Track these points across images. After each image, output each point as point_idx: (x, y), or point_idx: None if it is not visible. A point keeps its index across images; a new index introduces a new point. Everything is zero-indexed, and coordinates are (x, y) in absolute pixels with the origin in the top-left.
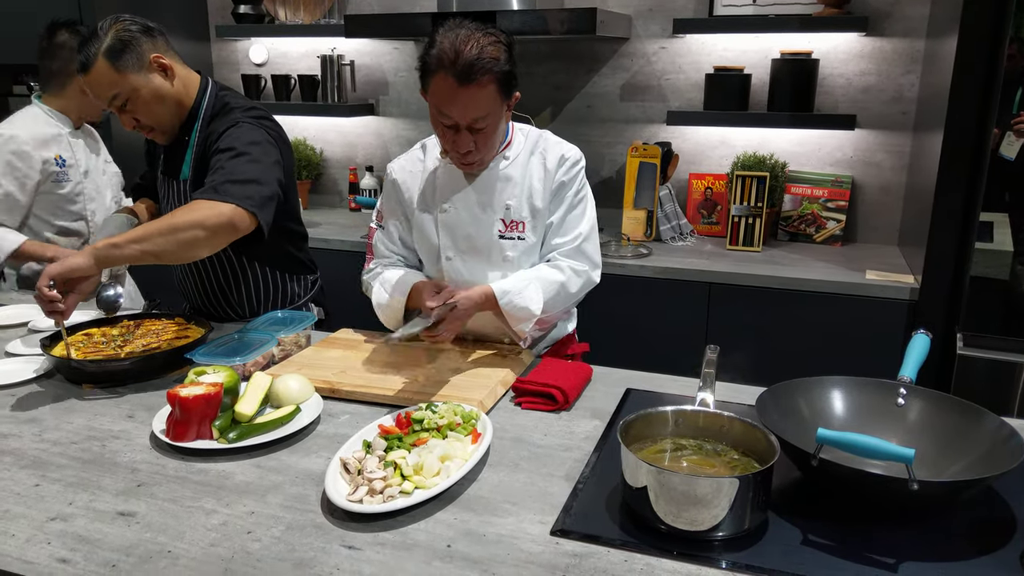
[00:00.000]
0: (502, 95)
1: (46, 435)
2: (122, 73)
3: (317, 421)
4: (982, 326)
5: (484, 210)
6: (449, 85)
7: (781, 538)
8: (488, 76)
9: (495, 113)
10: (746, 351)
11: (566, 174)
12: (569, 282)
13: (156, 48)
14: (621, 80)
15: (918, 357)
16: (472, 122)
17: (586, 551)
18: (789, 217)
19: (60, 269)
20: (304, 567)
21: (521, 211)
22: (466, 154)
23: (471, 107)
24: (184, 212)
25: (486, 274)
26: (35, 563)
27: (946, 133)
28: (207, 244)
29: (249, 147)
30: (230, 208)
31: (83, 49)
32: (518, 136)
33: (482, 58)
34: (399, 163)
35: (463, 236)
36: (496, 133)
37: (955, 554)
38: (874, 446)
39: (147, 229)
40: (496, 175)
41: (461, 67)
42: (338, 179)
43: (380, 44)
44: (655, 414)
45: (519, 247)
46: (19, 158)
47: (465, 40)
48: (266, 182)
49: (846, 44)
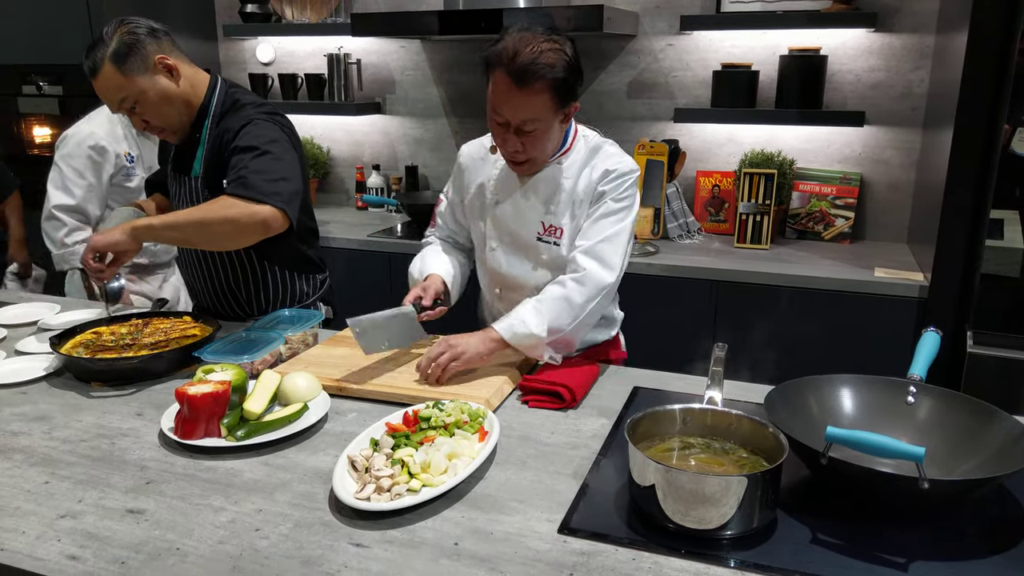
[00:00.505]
0: (556, 103)
1: (55, 433)
2: (128, 76)
3: (325, 419)
4: (992, 324)
5: (529, 211)
6: (506, 84)
7: (790, 537)
8: (542, 82)
9: (546, 119)
10: (754, 349)
11: (608, 184)
12: (571, 294)
13: (161, 49)
14: (628, 77)
15: (928, 355)
16: (521, 124)
17: (594, 549)
18: (797, 215)
19: (103, 242)
20: (312, 564)
21: (561, 218)
22: (513, 153)
23: (522, 109)
24: (220, 207)
25: (523, 270)
26: (45, 560)
27: (956, 129)
28: (236, 239)
29: (270, 145)
30: (265, 209)
31: (90, 54)
32: (579, 144)
33: (538, 62)
34: (468, 148)
35: (507, 231)
36: (545, 139)
37: (966, 553)
38: (884, 444)
39: (179, 217)
40: (547, 179)
41: (517, 68)
42: (345, 178)
43: (386, 43)
44: (663, 412)
45: (553, 252)
46: (97, 152)
47: (527, 43)
48: (292, 178)
49: (854, 40)
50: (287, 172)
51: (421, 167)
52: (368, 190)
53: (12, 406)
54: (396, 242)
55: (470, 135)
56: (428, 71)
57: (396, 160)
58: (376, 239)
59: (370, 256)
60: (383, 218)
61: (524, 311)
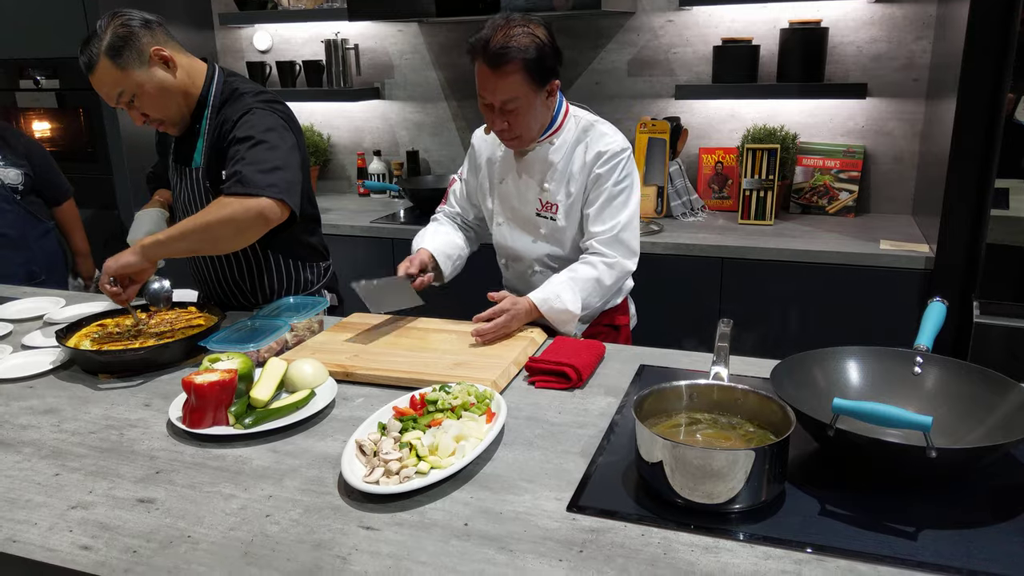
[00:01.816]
0: (532, 81)
1: (64, 425)
2: (124, 70)
3: (332, 405)
4: (999, 293)
5: (528, 188)
6: (483, 69)
7: (799, 509)
8: (514, 63)
9: (525, 97)
10: (760, 325)
11: (603, 166)
12: (602, 276)
13: (156, 41)
14: (628, 55)
15: (934, 325)
16: (503, 103)
17: (603, 526)
18: (801, 189)
19: (116, 267)
20: (323, 548)
21: (557, 195)
22: (500, 132)
23: (499, 90)
24: (216, 209)
25: (525, 243)
26: (58, 550)
27: (959, 100)
28: (240, 238)
29: (266, 134)
30: (261, 202)
31: (84, 49)
32: (570, 123)
33: (508, 46)
34: (480, 131)
35: (510, 207)
36: (529, 116)
37: (974, 521)
38: (891, 415)
39: (184, 227)
40: (541, 158)
41: (491, 53)
42: (346, 164)
43: (384, 27)
44: (669, 389)
45: (550, 227)
46: None
47: (500, 29)
48: (288, 167)
49: (855, 11)
50: (282, 161)
51: (422, 152)
52: (369, 176)
53: (20, 400)
54: (399, 227)
55: (470, 118)
56: (426, 54)
57: (397, 145)
58: (379, 225)
59: (373, 242)
60: (385, 204)
61: (560, 288)
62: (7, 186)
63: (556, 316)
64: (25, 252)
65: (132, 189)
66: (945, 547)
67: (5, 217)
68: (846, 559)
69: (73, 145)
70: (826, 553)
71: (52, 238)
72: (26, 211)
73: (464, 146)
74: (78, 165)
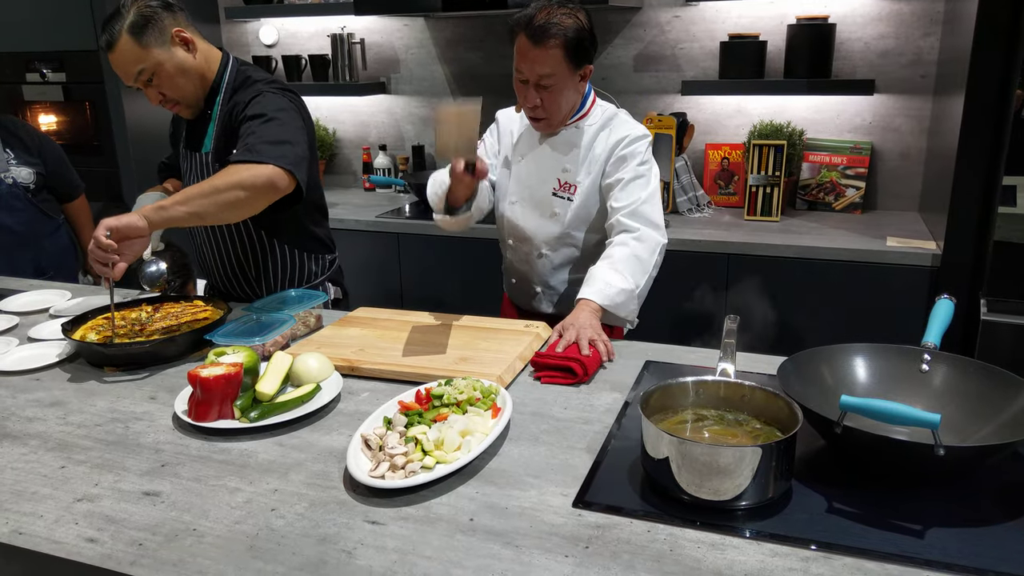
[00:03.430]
0: (570, 61)
1: (70, 418)
2: (146, 48)
3: (337, 399)
4: (1006, 291)
5: (547, 168)
6: (524, 43)
7: (806, 506)
8: (555, 39)
9: (561, 76)
10: (766, 321)
11: (627, 148)
12: (636, 251)
13: (177, 23)
14: (635, 50)
15: (942, 323)
16: (539, 79)
17: (609, 522)
18: (808, 185)
19: (116, 223)
20: (328, 542)
21: (577, 175)
22: (534, 108)
23: (538, 64)
24: (224, 175)
25: (535, 223)
26: (64, 543)
27: (967, 96)
28: (247, 205)
29: (278, 112)
30: (268, 168)
31: (107, 28)
32: (596, 111)
33: (552, 23)
34: (505, 111)
35: (525, 186)
36: (561, 96)
37: (982, 520)
38: (899, 412)
39: (190, 192)
40: (566, 140)
41: (534, 28)
42: (352, 159)
43: (390, 21)
44: (675, 385)
45: (566, 206)
46: None
47: (544, 9)
48: (297, 143)
49: (863, 7)
50: (292, 136)
51: (428, 146)
52: (375, 171)
53: (26, 392)
54: (404, 222)
55: None
56: (432, 49)
57: (402, 140)
58: (384, 219)
59: (379, 237)
60: (391, 198)
61: (603, 275)
62: (19, 185)
63: (615, 301)
64: (35, 249)
65: (138, 182)
66: (953, 545)
67: (16, 215)
68: (853, 557)
69: (79, 138)
70: (833, 551)
71: (63, 234)
72: (37, 209)
73: None
74: (84, 158)
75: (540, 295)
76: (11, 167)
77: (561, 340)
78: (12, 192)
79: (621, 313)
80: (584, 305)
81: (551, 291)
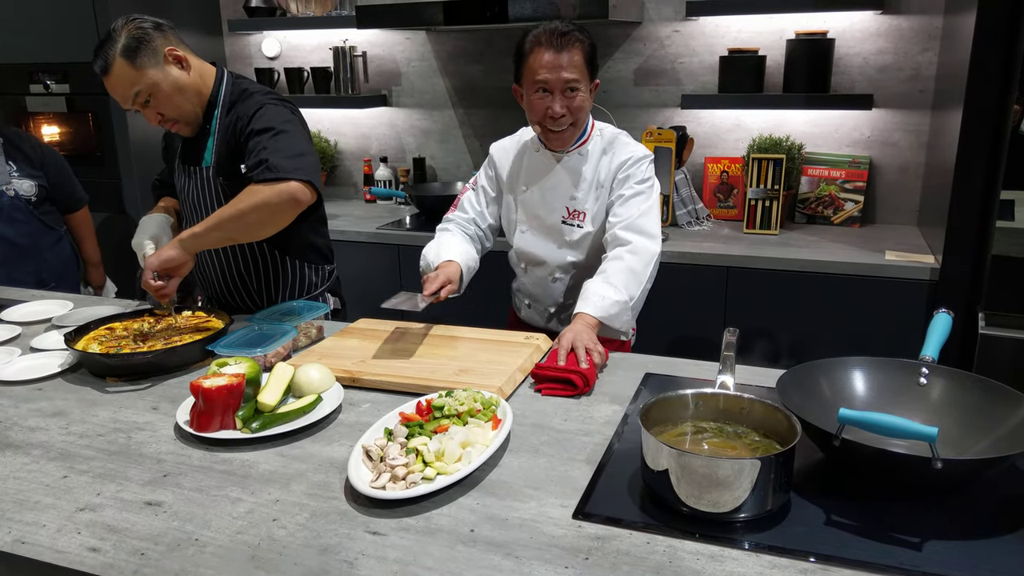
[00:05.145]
0: (588, 68)
1: (73, 428)
2: (141, 70)
3: (339, 410)
4: (1004, 305)
5: (554, 197)
6: (547, 54)
7: (804, 519)
8: (578, 44)
9: (584, 82)
10: (765, 334)
11: (629, 169)
12: (631, 263)
13: (169, 42)
14: (635, 64)
15: (940, 336)
16: (565, 84)
17: (608, 534)
18: (806, 199)
19: (158, 262)
20: (329, 553)
21: (585, 203)
22: (560, 118)
23: (565, 69)
24: (248, 197)
25: (548, 250)
26: (66, 552)
27: (965, 111)
28: (274, 223)
29: (285, 124)
30: (291, 185)
31: (100, 53)
32: (596, 135)
33: (570, 30)
34: (499, 143)
35: (534, 215)
36: (584, 104)
37: (980, 532)
38: (897, 425)
39: (220, 216)
40: (571, 167)
41: (556, 37)
42: (353, 171)
43: (392, 34)
44: (675, 397)
45: (577, 233)
46: None
47: (552, 21)
48: (309, 152)
49: (862, 22)
50: (304, 147)
51: (429, 159)
52: (376, 183)
53: (29, 402)
54: (405, 234)
55: (477, 126)
56: (434, 62)
57: (404, 152)
58: (385, 231)
59: (379, 248)
60: (392, 210)
61: (598, 288)
62: (21, 197)
63: (610, 312)
64: (37, 260)
65: (141, 193)
66: (950, 558)
67: (18, 227)
68: (851, 569)
69: (82, 149)
70: (831, 563)
71: (65, 245)
72: (39, 221)
73: (470, 153)
74: (87, 169)
75: (554, 316)
76: (13, 179)
77: (559, 350)
78: (14, 204)
79: (616, 324)
80: (580, 319)
81: (566, 312)
